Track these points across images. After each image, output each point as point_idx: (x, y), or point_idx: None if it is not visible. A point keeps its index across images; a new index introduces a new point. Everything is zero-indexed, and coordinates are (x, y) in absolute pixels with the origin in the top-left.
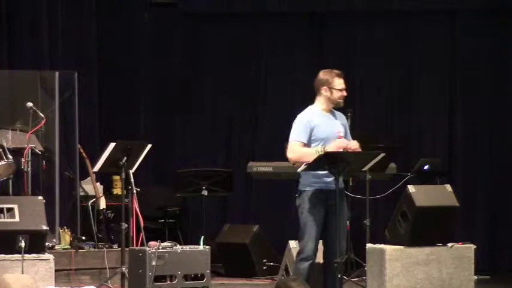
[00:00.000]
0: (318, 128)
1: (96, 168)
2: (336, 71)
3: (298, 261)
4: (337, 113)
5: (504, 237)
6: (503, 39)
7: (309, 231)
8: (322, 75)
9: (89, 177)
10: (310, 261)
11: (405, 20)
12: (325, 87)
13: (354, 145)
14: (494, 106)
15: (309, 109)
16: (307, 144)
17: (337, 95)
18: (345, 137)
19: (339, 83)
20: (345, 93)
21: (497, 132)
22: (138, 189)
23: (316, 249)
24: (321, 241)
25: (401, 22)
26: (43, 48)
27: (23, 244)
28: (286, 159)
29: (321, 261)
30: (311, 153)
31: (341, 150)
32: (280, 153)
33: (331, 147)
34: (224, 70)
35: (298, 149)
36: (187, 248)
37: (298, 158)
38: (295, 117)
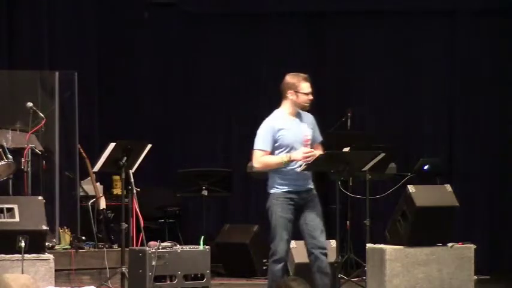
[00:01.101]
0: (283, 134)
1: (96, 168)
2: (303, 75)
3: (272, 263)
4: (304, 113)
5: (504, 237)
6: (503, 39)
7: (279, 233)
8: (289, 78)
9: (89, 177)
10: (283, 262)
11: (405, 20)
12: (291, 90)
13: (319, 154)
14: (494, 106)
15: (274, 114)
16: (272, 152)
17: (303, 98)
18: (314, 137)
19: (305, 86)
20: (311, 97)
21: (497, 132)
22: (138, 189)
23: (288, 250)
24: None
25: (401, 22)
26: (43, 48)
27: (23, 244)
28: None
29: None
30: (276, 162)
31: (306, 158)
32: None
33: (297, 154)
34: (224, 70)
35: (262, 158)
36: (187, 248)
37: (263, 167)
38: None
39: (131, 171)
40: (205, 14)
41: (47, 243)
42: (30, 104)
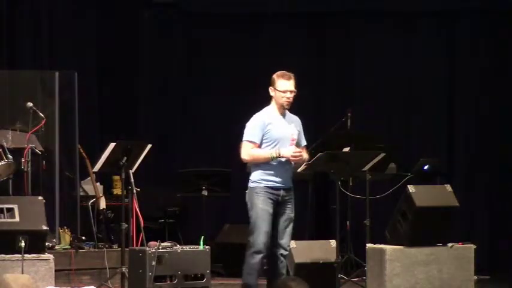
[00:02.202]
0: (272, 129)
1: (96, 168)
2: (287, 73)
3: (249, 255)
4: (291, 115)
5: (504, 237)
6: (503, 39)
7: (259, 226)
8: (274, 75)
9: (89, 177)
10: (262, 254)
11: (405, 20)
12: (271, 87)
13: (305, 156)
14: (493, 106)
15: (265, 109)
16: (260, 145)
17: (278, 95)
18: (299, 140)
19: (281, 84)
20: (288, 95)
21: (496, 132)
22: (138, 189)
23: (267, 243)
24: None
25: (401, 22)
26: (43, 48)
27: (23, 244)
28: None
29: (321, 260)
30: (265, 156)
31: (295, 157)
32: None
33: (286, 152)
34: (224, 70)
35: (252, 151)
36: (187, 248)
37: (251, 159)
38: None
39: (131, 171)
40: (205, 14)
41: (47, 243)
42: (30, 104)
